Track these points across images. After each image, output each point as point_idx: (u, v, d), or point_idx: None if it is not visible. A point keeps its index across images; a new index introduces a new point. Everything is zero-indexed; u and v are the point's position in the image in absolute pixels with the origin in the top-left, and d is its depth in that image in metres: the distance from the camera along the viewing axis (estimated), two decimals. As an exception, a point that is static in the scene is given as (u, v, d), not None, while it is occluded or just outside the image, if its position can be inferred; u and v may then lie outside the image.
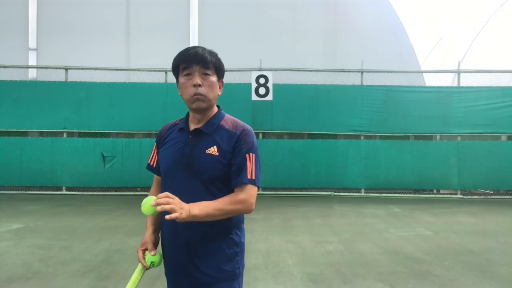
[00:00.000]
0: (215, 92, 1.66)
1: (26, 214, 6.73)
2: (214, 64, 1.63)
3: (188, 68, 1.60)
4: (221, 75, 1.70)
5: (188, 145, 1.63)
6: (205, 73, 1.60)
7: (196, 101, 1.61)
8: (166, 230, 1.67)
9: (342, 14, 11.32)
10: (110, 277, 3.80)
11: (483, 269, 4.15)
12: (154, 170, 1.83)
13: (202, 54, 1.59)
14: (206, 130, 1.64)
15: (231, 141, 1.62)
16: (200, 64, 1.59)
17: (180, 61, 1.63)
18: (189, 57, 1.60)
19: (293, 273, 3.99)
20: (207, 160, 1.58)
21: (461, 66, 10.11)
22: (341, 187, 9.43)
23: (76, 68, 9.47)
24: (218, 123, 1.67)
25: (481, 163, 9.24)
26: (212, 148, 1.60)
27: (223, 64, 1.70)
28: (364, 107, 9.42)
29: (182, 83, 1.64)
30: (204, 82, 1.60)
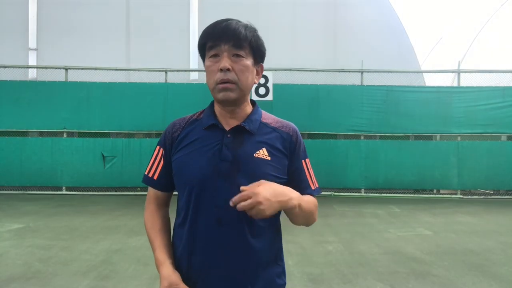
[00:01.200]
0: (250, 79, 1.27)
1: (26, 214, 6.73)
2: (250, 42, 1.24)
3: (215, 48, 1.23)
4: (259, 57, 1.31)
5: (228, 147, 1.25)
6: (236, 54, 1.23)
7: (222, 91, 1.23)
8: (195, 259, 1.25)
9: (342, 14, 11.32)
10: (110, 277, 3.80)
11: (483, 269, 4.15)
12: (155, 184, 1.38)
13: (234, 28, 1.21)
14: (249, 128, 1.29)
15: (283, 142, 1.31)
16: (231, 42, 1.21)
17: (205, 38, 1.25)
18: (216, 32, 1.22)
19: (293, 273, 3.99)
20: (259, 167, 1.24)
21: (461, 66, 10.11)
22: (341, 187, 9.43)
23: (76, 68, 9.47)
24: (259, 119, 1.33)
25: (481, 163, 9.24)
26: (261, 151, 1.27)
27: (263, 43, 1.31)
28: (364, 107, 9.41)
29: (207, 66, 1.27)
30: (235, 65, 1.23)
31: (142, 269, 4.04)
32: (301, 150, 1.37)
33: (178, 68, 9.80)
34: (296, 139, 1.35)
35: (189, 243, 1.26)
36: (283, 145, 1.31)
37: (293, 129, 1.37)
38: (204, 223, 1.24)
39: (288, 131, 1.35)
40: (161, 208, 1.41)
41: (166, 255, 1.29)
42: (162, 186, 1.38)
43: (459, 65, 9.88)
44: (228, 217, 1.21)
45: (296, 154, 1.34)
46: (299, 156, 1.35)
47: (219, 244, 1.23)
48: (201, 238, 1.24)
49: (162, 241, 1.33)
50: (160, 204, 1.41)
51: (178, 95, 9.26)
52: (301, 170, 1.35)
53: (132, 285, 3.65)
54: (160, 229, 1.35)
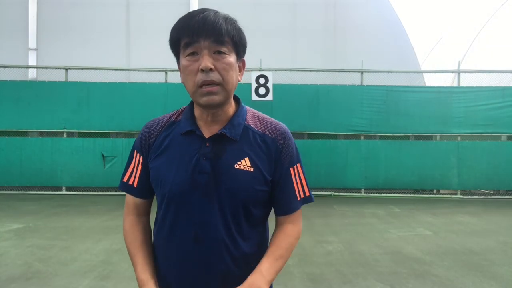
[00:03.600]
0: (234, 78, 1.12)
1: (26, 214, 6.73)
2: (232, 36, 1.08)
3: (192, 44, 1.06)
4: (242, 52, 1.15)
5: (207, 157, 1.13)
6: (218, 51, 1.07)
7: (206, 95, 1.07)
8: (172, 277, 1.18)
9: (342, 14, 11.32)
10: (110, 277, 3.80)
11: (483, 269, 4.15)
12: (134, 192, 1.25)
13: (214, 21, 1.05)
14: (231, 135, 1.15)
15: (267, 149, 1.16)
16: (211, 37, 1.05)
17: (180, 33, 1.09)
18: (194, 27, 1.05)
19: (293, 273, 3.99)
20: (239, 180, 1.12)
21: (461, 66, 10.11)
22: (341, 187, 9.42)
23: (76, 68, 9.47)
24: (243, 123, 1.18)
25: (481, 163, 9.24)
26: (243, 161, 1.13)
27: (244, 36, 1.14)
28: (364, 107, 9.41)
29: (184, 66, 1.09)
30: (218, 64, 1.06)
31: (142, 269, 4.03)
32: (288, 156, 1.19)
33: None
34: (282, 143, 1.18)
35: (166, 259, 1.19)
36: (268, 152, 1.16)
37: (279, 132, 1.19)
38: (179, 239, 1.14)
39: (273, 135, 1.18)
40: (141, 218, 1.28)
41: (148, 274, 1.20)
42: (142, 194, 1.25)
43: (459, 65, 9.88)
44: (205, 235, 1.11)
45: (280, 162, 1.17)
46: (283, 164, 1.18)
47: (194, 263, 1.13)
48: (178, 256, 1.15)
49: (144, 258, 1.22)
50: (140, 213, 1.28)
51: (178, 95, 9.24)
52: (287, 180, 1.19)
53: (132, 285, 3.65)
54: (141, 243, 1.24)
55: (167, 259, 1.18)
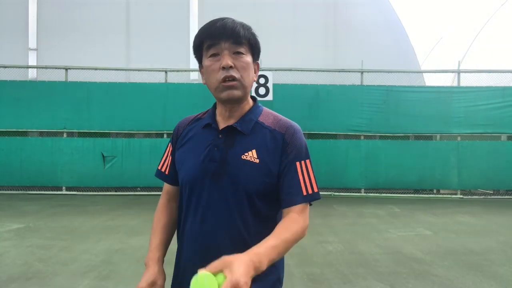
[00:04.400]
0: (251, 76, 1.26)
1: (26, 214, 6.73)
2: (249, 40, 1.24)
3: (214, 46, 1.21)
4: (256, 54, 1.30)
5: (219, 148, 1.24)
6: (237, 52, 1.21)
7: (227, 89, 1.21)
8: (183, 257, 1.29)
9: (342, 14, 11.32)
10: (110, 277, 3.80)
11: (483, 269, 4.15)
12: (167, 178, 1.42)
13: (232, 27, 1.20)
14: (241, 128, 1.26)
15: (275, 143, 1.24)
16: (231, 40, 1.19)
17: (203, 37, 1.22)
18: (215, 31, 1.20)
19: (293, 273, 3.99)
20: (244, 169, 1.20)
21: (461, 66, 10.11)
22: (341, 187, 9.43)
23: (76, 68, 9.47)
24: (255, 119, 1.29)
25: (481, 163, 9.24)
26: (250, 152, 1.22)
27: (258, 41, 1.29)
28: (364, 107, 9.41)
29: (207, 66, 1.23)
30: (237, 63, 1.21)
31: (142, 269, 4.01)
32: (294, 150, 1.24)
33: (178, 68, 9.79)
34: (289, 138, 1.25)
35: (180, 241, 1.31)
36: (275, 146, 1.24)
37: (288, 127, 1.27)
38: (191, 221, 1.26)
39: (282, 130, 1.26)
40: (170, 203, 1.43)
41: (157, 255, 1.31)
42: (173, 181, 1.40)
43: (459, 65, 9.88)
44: (210, 217, 1.21)
45: (286, 154, 1.23)
46: (289, 156, 1.23)
47: (201, 244, 1.23)
48: (188, 237, 1.26)
49: (160, 240, 1.35)
50: (170, 199, 1.43)
51: (178, 95, 9.26)
52: (292, 173, 1.22)
53: (132, 285, 3.65)
54: (163, 226, 1.38)
55: (183, 239, 1.30)
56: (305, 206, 1.23)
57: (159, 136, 9.40)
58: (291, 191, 1.22)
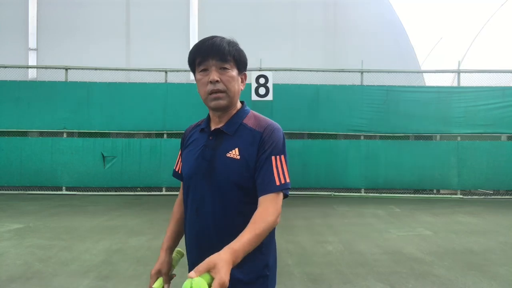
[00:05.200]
0: (236, 87, 1.45)
1: (26, 214, 6.73)
2: (233, 56, 1.42)
3: (203, 63, 1.41)
4: (242, 67, 1.48)
5: (209, 148, 1.44)
6: (223, 67, 1.40)
7: (214, 100, 1.41)
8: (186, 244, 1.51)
9: (342, 14, 11.32)
10: (110, 277, 3.80)
11: (483, 269, 4.15)
12: (178, 176, 1.64)
13: (219, 45, 1.39)
14: (226, 130, 1.45)
15: (254, 141, 1.41)
16: (217, 57, 1.39)
17: (194, 55, 1.43)
18: (204, 50, 1.40)
19: (293, 273, 3.99)
20: (228, 166, 1.38)
21: (461, 66, 10.11)
22: (341, 187, 9.43)
23: (76, 68, 9.47)
24: (240, 121, 1.47)
25: (481, 163, 9.24)
26: (234, 151, 1.40)
27: (244, 55, 1.48)
28: (364, 107, 9.42)
29: (198, 79, 1.45)
30: (222, 77, 1.40)
31: (142, 269, 4.04)
32: (271, 145, 1.39)
33: (178, 68, 9.79)
34: (267, 136, 1.41)
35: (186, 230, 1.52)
36: (254, 143, 1.40)
37: (266, 126, 1.43)
38: (189, 213, 1.48)
39: (260, 129, 1.43)
40: None
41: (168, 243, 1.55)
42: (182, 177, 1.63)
43: (459, 65, 9.88)
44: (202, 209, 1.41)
45: (262, 149, 1.39)
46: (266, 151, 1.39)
47: (196, 233, 1.44)
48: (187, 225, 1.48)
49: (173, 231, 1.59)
50: None
51: (178, 95, 9.26)
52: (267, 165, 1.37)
53: (132, 285, 3.65)
54: (178, 218, 1.61)
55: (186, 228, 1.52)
56: (278, 195, 1.36)
57: (159, 136, 9.40)
58: (265, 181, 1.36)
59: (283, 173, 1.38)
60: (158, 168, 9.14)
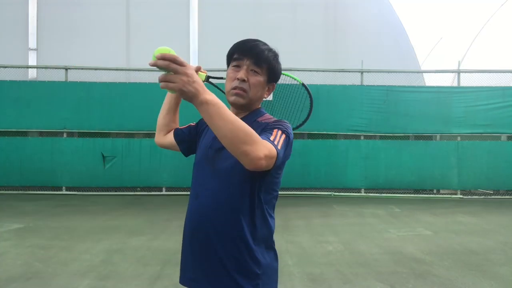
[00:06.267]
0: (260, 93, 1.52)
1: (26, 214, 6.73)
2: (268, 63, 1.49)
3: (238, 60, 1.48)
4: (272, 78, 1.56)
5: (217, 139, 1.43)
6: (254, 70, 1.47)
7: (234, 96, 1.47)
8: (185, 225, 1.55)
9: (342, 14, 11.31)
10: (110, 277, 3.80)
11: (483, 269, 4.15)
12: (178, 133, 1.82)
13: (259, 49, 1.47)
14: None
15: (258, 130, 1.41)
16: (253, 59, 1.46)
17: (234, 50, 1.51)
18: (244, 48, 1.48)
19: (293, 273, 3.99)
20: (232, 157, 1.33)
21: (461, 66, 10.11)
22: (341, 187, 9.42)
23: (76, 68, 9.47)
24: (255, 119, 1.52)
25: (481, 163, 9.24)
26: None
27: (280, 68, 1.58)
28: (364, 107, 9.41)
29: (228, 73, 1.52)
30: (250, 78, 1.47)
31: (142, 269, 4.04)
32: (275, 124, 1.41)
33: (178, 68, 9.78)
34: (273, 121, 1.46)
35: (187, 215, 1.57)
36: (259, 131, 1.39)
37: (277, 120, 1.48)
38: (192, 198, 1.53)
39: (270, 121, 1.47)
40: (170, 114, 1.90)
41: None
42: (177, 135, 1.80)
43: (459, 65, 9.88)
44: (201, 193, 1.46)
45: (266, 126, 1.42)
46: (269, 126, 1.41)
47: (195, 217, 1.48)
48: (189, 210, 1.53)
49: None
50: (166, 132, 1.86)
51: (178, 95, 9.25)
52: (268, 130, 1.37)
53: (132, 285, 3.65)
54: None
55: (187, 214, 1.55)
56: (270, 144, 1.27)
57: (159, 136, 9.38)
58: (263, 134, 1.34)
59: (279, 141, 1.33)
60: (158, 168, 9.13)
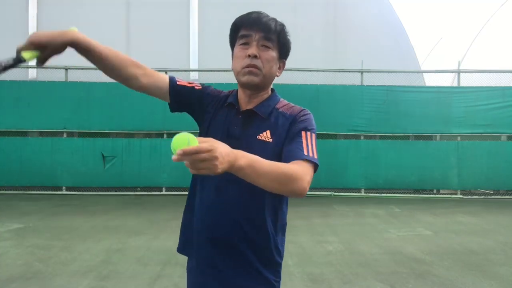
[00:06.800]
0: (273, 70, 1.38)
1: (26, 214, 6.73)
2: (278, 36, 1.36)
3: (246, 37, 1.34)
4: (284, 53, 1.42)
5: (238, 126, 1.37)
6: (264, 45, 1.34)
7: (247, 74, 1.33)
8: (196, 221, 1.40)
9: (342, 14, 11.31)
10: (110, 277, 3.80)
11: (483, 269, 4.15)
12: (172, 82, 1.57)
13: (266, 21, 1.34)
14: (259, 112, 1.37)
15: (286, 123, 1.36)
16: (262, 33, 1.32)
17: (240, 25, 1.36)
18: (250, 21, 1.34)
19: (293, 273, 3.99)
20: (258, 148, 1.29)
21: (461, 66, 10.11)
22: (341, 187, 9.42)
23: (76, 68, 9.46)
24: (273, 105, 1.41)
25: (481, 163, 9.24)
26: (265, 133, 1.34)
27: (289, 41, 1.42)
28: (364, 107, 9.41)
29: (236, 52, 1.37)
30: (262, 54, 1.33)
31: (142, 269, 4.04)
32: (303, 123, 1.35)
33: (178, 68, 9.79)
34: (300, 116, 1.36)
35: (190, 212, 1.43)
36: (285, 126, 1.35)
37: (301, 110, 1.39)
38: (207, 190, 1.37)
39: (294, 112, 1.38)
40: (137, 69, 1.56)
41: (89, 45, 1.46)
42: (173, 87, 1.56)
43: (459, 65, 9.88)
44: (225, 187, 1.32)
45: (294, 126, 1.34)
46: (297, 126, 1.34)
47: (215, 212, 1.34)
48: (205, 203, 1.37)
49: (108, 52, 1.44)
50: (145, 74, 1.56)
51: (178, 95, 9.24)
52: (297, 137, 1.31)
53: (132, 285, 3.65)
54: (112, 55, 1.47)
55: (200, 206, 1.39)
56: (307, 163, 1.26)
57: (159, 136, 9.40)
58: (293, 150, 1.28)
59: (312, 149, 1.31)
60: (158, 168, 9.13)
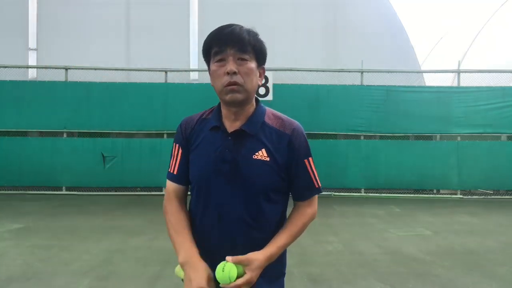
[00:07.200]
0: (254, 82, 1.33)
1: (26, 214, 6.73)
2: (253, 46, 1.31)
3: (221, 53, 1.29)
4: (261, 60, 1.37)
5: (229, 149, 1.32)
6: (241, 58, 1.29)
7: (230, 93, 1.28)
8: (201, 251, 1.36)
9: (342, 14, 11.32)
10: (110, 277, 3.80)
11: (483, 269, 4.15)
12: (175, 178, 1.44)
13: (238, 34, 1.28)
14: (249, 130, 1.34)
15: (282, 142, 1.34)
16: (236, 47, 1.27)
17: (211, 43, 1.31)
18: (222, 38, 1.28)
19: (293, 273, 3.99)
20: (257, 168, 1.30)
21: (461, 66, 10.11)
22: (341, 187, 9.41)
23: (76, 68, 9.47)
24: (261, 120, 1.37)
25: (481, 163, 9.23)
26: (260, 152, 1.32)
27: (265, 46, 1.37)
28: (364, 107, 9.41)
29: (213, 70, 1.32)
30: (240, 69, 1.28)
31: (142, 269, 4.04)
32: (301, 149, 1.37)
33: (178, 68, 9.79)
34: (295, 139, 1.36)
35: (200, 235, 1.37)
36: (281, 145, 1.34)
37: (294, 128, 1.38)
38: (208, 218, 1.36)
39: (288, 131, 1.36)
40: (183, 205, 1.45)
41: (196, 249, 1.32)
42: (180, 180, 1.44)
43: (459, 65, 9.88)
44: (226, 215, 1.32)
45: (294, 153, 1.36)
46: (299, 156, 1.37)
47: (219, 239, 1.33)
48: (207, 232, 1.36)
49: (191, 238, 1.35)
50: (180, 198, 1.45)
51: (178, 95, 9.25)
52: (304, 170, 1.39)
53: (132, 285, 3.65)
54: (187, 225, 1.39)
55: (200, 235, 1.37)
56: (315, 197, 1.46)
57: (159, 136, 9.39)
58: (304, 186, 1.41)
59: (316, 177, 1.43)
60: (158, 168, 9.11)
